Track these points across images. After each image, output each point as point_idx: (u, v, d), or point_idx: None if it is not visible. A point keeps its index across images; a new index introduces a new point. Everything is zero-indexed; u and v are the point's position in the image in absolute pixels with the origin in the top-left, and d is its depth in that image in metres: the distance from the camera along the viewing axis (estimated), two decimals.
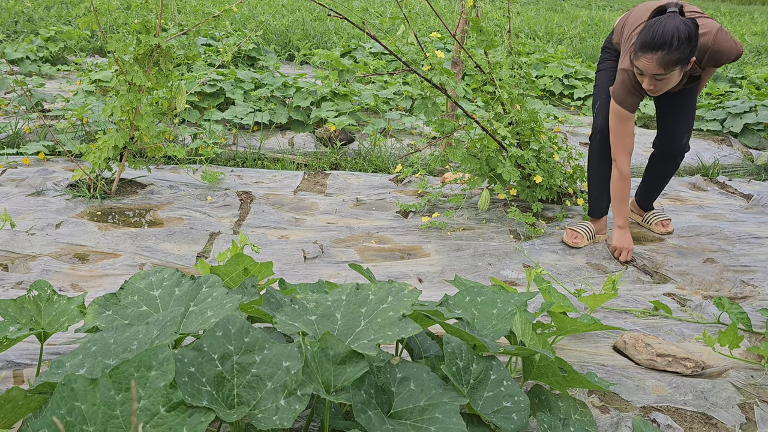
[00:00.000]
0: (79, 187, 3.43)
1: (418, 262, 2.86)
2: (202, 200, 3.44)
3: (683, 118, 2.99)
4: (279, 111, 4.69)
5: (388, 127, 4.69)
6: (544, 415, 1.48)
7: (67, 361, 1.28)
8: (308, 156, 4.32)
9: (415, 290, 1.51)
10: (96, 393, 1.10)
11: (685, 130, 3.01)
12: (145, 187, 3.55)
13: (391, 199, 3.63)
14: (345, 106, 4.72)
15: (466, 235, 3.17)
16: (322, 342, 1.31)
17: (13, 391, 1.16)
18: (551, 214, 3.50)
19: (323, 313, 1.48)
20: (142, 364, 1.13)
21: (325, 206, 3.48)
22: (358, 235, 3.12)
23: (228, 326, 1.29)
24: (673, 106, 2.98)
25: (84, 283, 2.52)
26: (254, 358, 1.26)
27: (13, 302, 1.64)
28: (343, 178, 3.91)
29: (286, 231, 3.14)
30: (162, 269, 1.64)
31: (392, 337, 1.36)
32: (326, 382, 1.28)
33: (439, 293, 2.52)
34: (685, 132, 3.02)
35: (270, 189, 3.68)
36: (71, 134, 4.10)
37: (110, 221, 3.12)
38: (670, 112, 3.01)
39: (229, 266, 1.84)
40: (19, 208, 3.15)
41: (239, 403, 1.21)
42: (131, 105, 3.10)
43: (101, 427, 1.08)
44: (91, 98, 4.74)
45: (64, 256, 2.73)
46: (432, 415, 1.26)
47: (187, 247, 2.89)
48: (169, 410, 1.09)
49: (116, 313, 1.52)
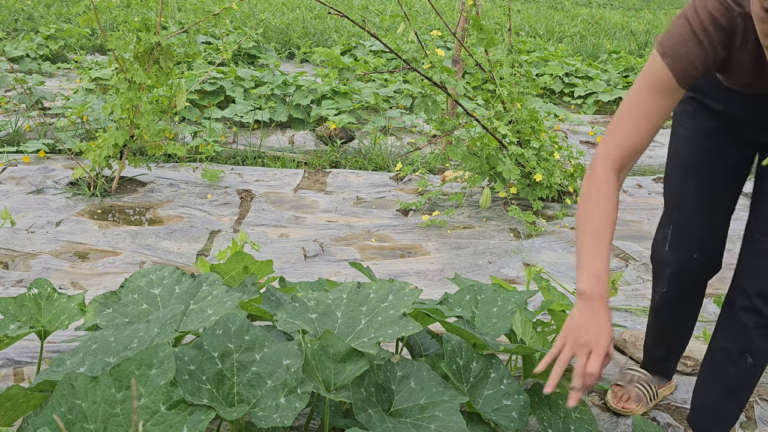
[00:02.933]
0: (79, 185, 3.43)
1: (418, 261, 2.86)
2: (202, 198, 3.44)
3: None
4: (279, 109, 4.69)
5: (388, 125, 4.69)
6: (544, 413, 1.48)
7: (67, 359, 1.28)
8: (308, 154, 4.31)
9: (416, 289, 1.51)
10: (96, 391, 1.10)
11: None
12: (146, 185, 3.55)
13: (391, 197, 3.63)
14: (345, 104, 4.72)
15: (467, 233, 3.17)
16: (322, 340, 1.31)
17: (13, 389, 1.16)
18: (551, 212, 3.50)
19: (324, 311, 1.48)
20: (143, 362, 1.13)
21: (326, 204, 3.48)
22: (358, 234, 3.12)
23: (228, 324, 1.30)
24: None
25: (84, 281, 2.52)
26: (254, 356, 1.26)
27: (14, 300, 1.64)
28: (343, 177, 3.91)
29: (286, 229, 3.14)
30: (162, 267, 1.64)
31: (393, 336, 1.36)
32: (326, 380, 1.28)
33: (439, 291, 2.52)
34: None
35: (270, 187, 3.68)
36: (71, 132, 4.10)
37: (110, 219, 3.12)
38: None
39: (230, 264, 1.84)
40: (19, 206, 3.15)
41: (239, 401, 1.21)
42: (131, 103, 3.10)
43: (102, 425, 1.08)
44: (91, 96, 4.73)
45: (65, 254, 2.73)
46: (432, 414, 1.27)
47: (188, 245, 2.89)
48: (169, 408, 1.09)
49: (116, 311, 1.52)
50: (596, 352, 1.28)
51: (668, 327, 1.84)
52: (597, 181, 1.39)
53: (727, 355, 1.57)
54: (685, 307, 1.79)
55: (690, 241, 1.66)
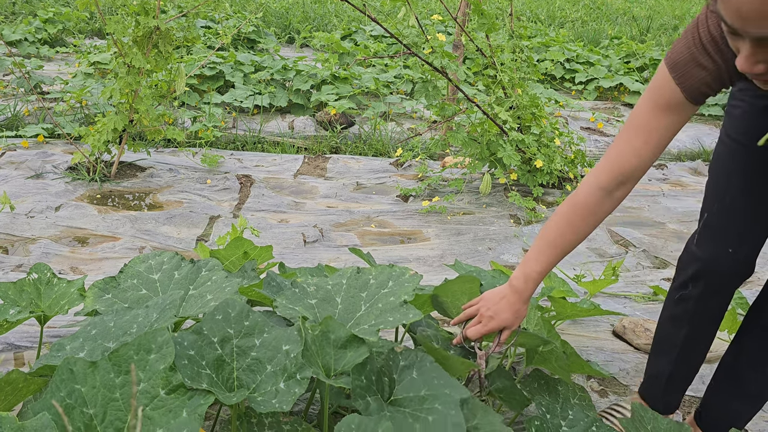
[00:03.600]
0: (78, 170, 3.42)
1: (418, 246, 2.86)
2: (201, 183, 3.43)
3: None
4: (279, 94, 4.66)
5: (388, 111, 4.67)
6: (543, 399, 1.48)
7: (67, 344, 1.28)
8: (308, 139, 4.30)
9: (416, 275, 1.50)
10: (96, 376, 1.10)
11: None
12: (145, 170, 3.54)
13: (391, 183, 3.62)
14: (345, 89, 4.70)
15: (467, 219, 3.16)
16: (323, 325, 1.31)
17: (13, 373, 1.16)
18: (552, 198, 3.49)
19: (324, 297, 1.48)
20: (142, 347, 1.13)
21: (325, 190, 3.47)
22: (358, 219, 3.11)
23: (228, 310, 1.29)
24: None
25: (84, 266, 2.52)
26: (254, 341, 1.26)
27: (13, 285, 1.64)
28: (343, 162, 3.90)
29: (285, 215, 3.13)
30: (161, 253, 1.64)
31: (393, 323, 1.36)
32: (327, 365, 1.28)
33: (439, 277, 2.52)
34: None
35: (270, 172, 3.67)
36: (70, 117, 4.08)
37: (110, 204, 3.11)
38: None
39: (229, 250, 1.84)
40: (18, 190, 3.15)
41: (239, 386, 1.21)
42: (130, 87, 3.08)
43: (101, 409, 1.08)
44: (90, 80, 4.71)
45: (64, 239, 2.73)
46: (431, 405, 1.26)
47: (187, 231, 2.89)
48: (168, 393, 1.09)
49: (116, 297, 1.52)
50: (486, 325, 1.48)
51: (682, 340, 1.57)
52: (576, 200, 1.39)
53: (750, 361, 1.50)
54: (706, 316, 1.52)
55: (728, 232, 1.43)
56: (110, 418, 1.07)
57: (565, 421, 1.44)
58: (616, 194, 1.36)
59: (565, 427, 1.43)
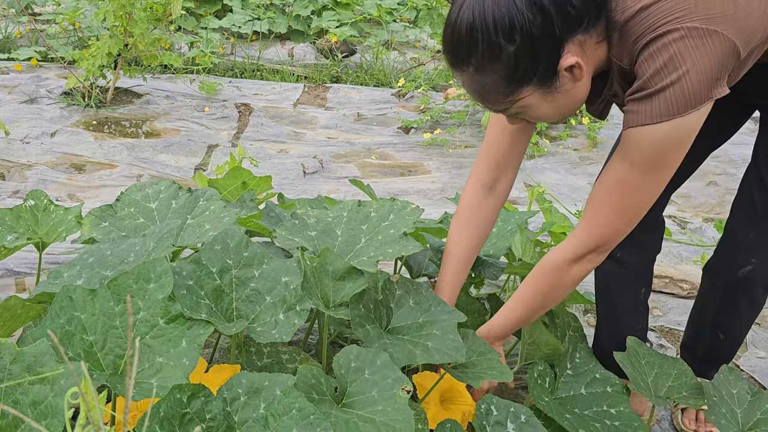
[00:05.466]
0: (73, 96, 3.35)
1: (418, 179, 2.83)
2: (199, 111, 3.37)
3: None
4: (278, 20, 4.53)
5: (391, 40, 4.54)
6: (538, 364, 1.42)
7: (64, 272, 1.27)
8: (308, 68, 4.20)
9: (418, 209, 1.49)
10: (95, 303, 1.10)
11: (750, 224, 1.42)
12: (141, 96, 3.46)
13: (392, 114, 3.56)
14: (347, 15, 4.55)
15: (468, 152, 3.13)
16: (321, 258, 1.30)
17: (11, 299, 1.16)
18: (555, 132, 3.44)
19: (324, 228, 1.47)
20: (141, 276, 1.12)
21: (326, 120, 3.41)
22: (358, 151, 3.07)
23: (227, 240, 1.28)
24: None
25: (81, 193, 2.50)
26: (253, 272, 1.25)
27: (10, 211, 1.62)
28: (344, 92, 3.82)
29: (285, 145, 3.09)
30: (159, 181, 1.61)
31: (392, 255, 1.35)
32: (325, 297, 1.28)
33: (439, 211, 2.51)
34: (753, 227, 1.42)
35: (269, 101, 3.60)
36: (63, 40, 3.97)
37: (106, 131, 3.06)
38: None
39: (228, 179, 1.81)
40: (12, 115, 3.09)
41: (238, 317, 1.21)
42: (124, 9, 2.98)
43: (101, 336, 1.08)
44: (83, 2, 4.55)
45: (61, 166, 2.70)
46: (430, 332, 1.27)
47: (185, 159, 2.85)
48: (168, 322, 1.09)
49: (113, 225, 1.50)
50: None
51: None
52: (462, 203, 1.46)
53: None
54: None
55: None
56: (110, 345, 1.08)
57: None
58: (499, 188, 1.42)
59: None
